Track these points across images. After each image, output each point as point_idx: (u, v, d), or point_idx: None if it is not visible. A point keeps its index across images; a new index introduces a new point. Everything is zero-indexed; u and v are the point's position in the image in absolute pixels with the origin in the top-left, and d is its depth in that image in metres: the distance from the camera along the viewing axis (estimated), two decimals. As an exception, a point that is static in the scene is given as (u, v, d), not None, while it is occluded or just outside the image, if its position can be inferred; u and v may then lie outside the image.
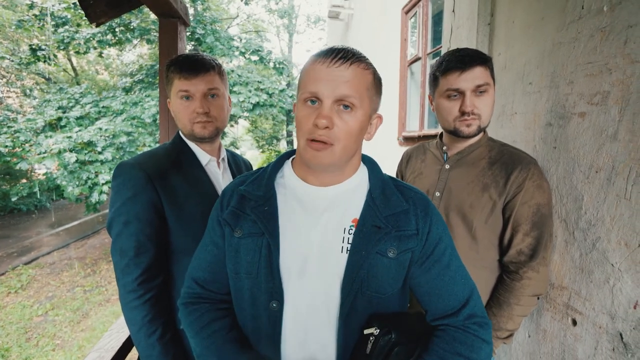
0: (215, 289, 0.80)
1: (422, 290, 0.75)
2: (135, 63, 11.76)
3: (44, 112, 7.79)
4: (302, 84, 0.69)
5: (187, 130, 1.09)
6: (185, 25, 1.69)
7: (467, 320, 0.72)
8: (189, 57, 1.07)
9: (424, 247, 0.73)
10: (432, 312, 0.75)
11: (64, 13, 8.48)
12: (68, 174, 6.73)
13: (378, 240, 0.70)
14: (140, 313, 0.94)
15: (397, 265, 0.71)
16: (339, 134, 0.66)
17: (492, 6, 1.53)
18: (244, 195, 0.77)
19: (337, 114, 0.67)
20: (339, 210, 0.73)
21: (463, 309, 0.73)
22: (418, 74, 3.60)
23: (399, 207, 0.73)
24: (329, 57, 0.66)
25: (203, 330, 0.75)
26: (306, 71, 0.69)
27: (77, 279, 6.66)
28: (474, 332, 0.71)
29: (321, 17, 23.11)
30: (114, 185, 1.00)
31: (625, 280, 0.89)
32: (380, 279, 0.70)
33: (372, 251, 0.70)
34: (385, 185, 0.76)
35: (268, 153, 18.38)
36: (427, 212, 0.74)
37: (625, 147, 0.90)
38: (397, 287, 0.73)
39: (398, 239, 0.71)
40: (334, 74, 0.65)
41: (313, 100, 0.67)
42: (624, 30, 0.91)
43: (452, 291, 0.73)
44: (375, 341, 0.67)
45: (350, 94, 0.66)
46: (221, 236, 0.78)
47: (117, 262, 0.96)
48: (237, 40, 10.47)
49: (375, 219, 0.71)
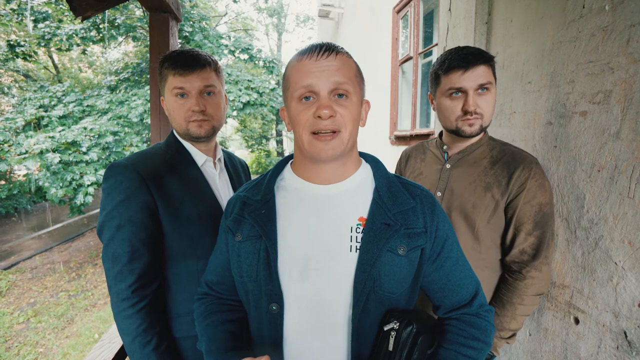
0: (221, 291, 0.83)
1: (436, 287, 0.76)
2: (120, 61, 11.45)
3: (24, 111, 7.49)
4: (292, 82, 0.69)
5: (182, 130, 1.04)
6: (177, 21, 1.63)
7: (480, 308, 0.76)
8: (184, 53, 1.02)
9: (434, 244, 0.73)
10: (447, 306, 0.77)
11: (45, 8, 8.18)
12: (51, 175, 6.49)
13: (388, 237, 0.69)
14: (135, 322, 0.90)
15: (407, 263, 0.71)
16: (343, 119, 0.67)
17: (490, 5, 1.53)
18: (244, 201, 0.78)
19: (336, 103, 0.67)
20: (343, 209, 0.72)
21: (475, 299, 0.76)
22: (409, 73, 3.61)
23: (406, 204, 0.73)
24: (314, 52, 0.68)
25: (204, 320, 0.80)
26: (294, 70, 0.69)
27: (61, 284, 6.44)
28: (486, 318, 0.76)
29: (311, 16, 23.08)
30: (105, 188, 0.95)
31: (629, 278, 0.89)
32: (391, 278, 0.69)
33: (384, 249, 0.69)
34: (391, 183, 0.76)
35: (257, 153, 18.21)
36: (433, 210, 0.75)
37: (629, 145, 0.90)
38: (406, 286, 0.73)
39: (407, 236, 0.70)
40: (324, 65, 0.67)
41: (307, 96, 0.67)
42: (627, 29, 0.91)
43: (463, 284, 0.76)
44: (398, 335, 0.67)
45: (344, 80, 0.67)
46: (225, 243, 0.80)
47: (110, 268, 0.91)
48: (226, 38, 10.32)
49: (384, 216, 0.71)
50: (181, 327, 1.00)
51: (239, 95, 8.92)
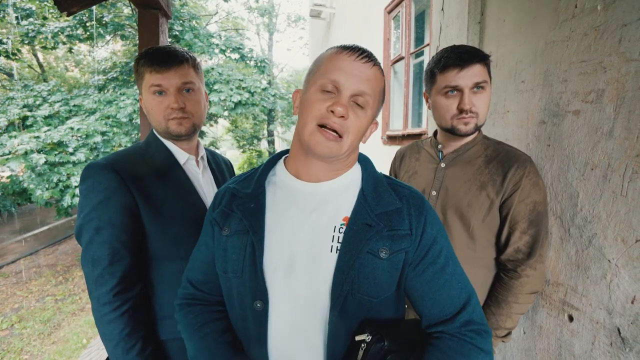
0: (208, 290, 0.80)
1: (416, 294, 0.71)
2: (108, 60, 11.22)
3: (7, 110, 7.26)
4: (322, 70, 0.68)
5: (161, 128, 1.02)
6: (167, 18, 1.59)
7: (464, 327, 0.67)
8: (160, 50, 1.00)
9: (418, 248, 0.69)
10: (427, 318, 0.71)
11: (28, 5, 7.96)
12: (36, 177, 6.31)
13: (369, 239, 0.67)
14: (118, 327, 0.87)
15: (389, 266, 0.67)
16: (351, 126, 0.67)
17: (482, 5, 1.53)
18: (234, 193, 0.77)
19: (351, 109, 0.67)
20: (330, 208, 0.71)
21: (459, 314, 0.68)
22: (401, 73, 3.63)
23: (391, 205, 0.70)
24: (355, 52, 0.68)
25: (196, 333, 0.75)
26: (328, 59, 0.69)
27: (47, 288, 6.26)
28: (471, 340, 0.66)
29: (302, 16, 23.03)
30: (83, 189, 0.92)
31: (623, 275, 0.90)
32: (371, 281, 0.67)
33: (363, 250, 0.66)
34: (377, 183, 0.74)
35: (249, 153, 18.08)
36: (421, 212, 0.71)
37: (621, 144, 0.91)
38: (390, 291, 0.69)
39: (390, 238, 0.68)
40: (358, 69, 0.67)
41: (329, 90, 0.67)
42: (619, 29, 0.92)
43: (447, 295, 0.69)
44: (367, 348, 0.64)
45: (368, 91, 0.67)
46: (211, 236, 0.77)
47: (89, 272, 0.88)
48: (216, 37, 10.21)
49: (366, 216, 0.69)
50: (167, 329, 0.97)
51: (230, 95, 8.83)
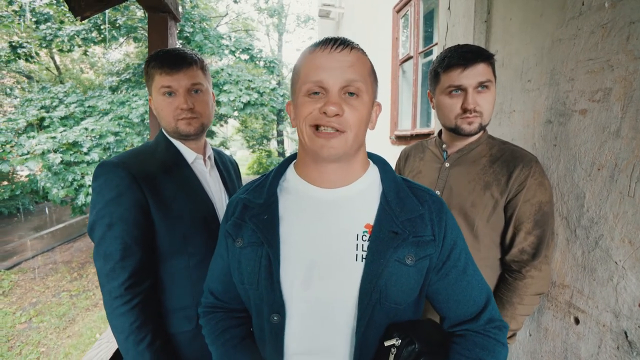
0: (228, 300, 0.80)
1: (440, 297, 0.71)
2: (121, 62, 11.48)
3: (26, 111, 7.52)
4: (302, 76, 0.65)
5: (170, 128, 1.05)
6: (176, 21, 1.63)
7: (488, 324, 0.70)
8: (170, 52, 1.03)
9: (441, 252, 0.69)
10: (452, 319, 0.72)
11: (46, 9, 8.21)
12: (52, 176, 6.51)
13: (396, 247, 0.65)
14: (128, 320, 0.89)
15: (415, 273, 0.66)
16: (350, 120, 0.63)
17: (489, 3, 1.52)
18: (246, 204, 0.74)
19: (345, 102, 0.63)
20: (349, 215, 0.68)
21: (482, 313, 0.70)
22: (410, 72, 3.60)
23: (415, 211, 0.68)
24: (328, 45, 0.63)
25: (218, 339, 0.76)
26: (305, 62, 0.65)
27: (63, 284, 6.45)
28: (494, 336, 0.69)
29: (311, 16, 23.05)
30: (95, 186, 0.95)
31: (630, 278, 0.89)
32: (399, 289, 0.65)
33: (391, 259, 0.64)
34: (399, 188, 0.71)
35: (259, 153, 18.22)
36: (441, 217, 0.70)
37: (629, 144, 0.89)
38: (413, 297, 0.69)
39: (416, 245, 0.66)
40: (337, 60, 0.62)
41: (316, 91, 0.63)
42: (626, 27, 0.90)
43: (470, 296, 0.70)
44: (398, 353, 0.63)
45: (356, 78, 0.63)
46: (225, 248, 0.76)
47: (101, 267, 0.91)
48: (226, 38, 10.33)
49: (392, 224, 0.66)
50: (175, 322, 1.00)
51: (239, 95, 8.91)
